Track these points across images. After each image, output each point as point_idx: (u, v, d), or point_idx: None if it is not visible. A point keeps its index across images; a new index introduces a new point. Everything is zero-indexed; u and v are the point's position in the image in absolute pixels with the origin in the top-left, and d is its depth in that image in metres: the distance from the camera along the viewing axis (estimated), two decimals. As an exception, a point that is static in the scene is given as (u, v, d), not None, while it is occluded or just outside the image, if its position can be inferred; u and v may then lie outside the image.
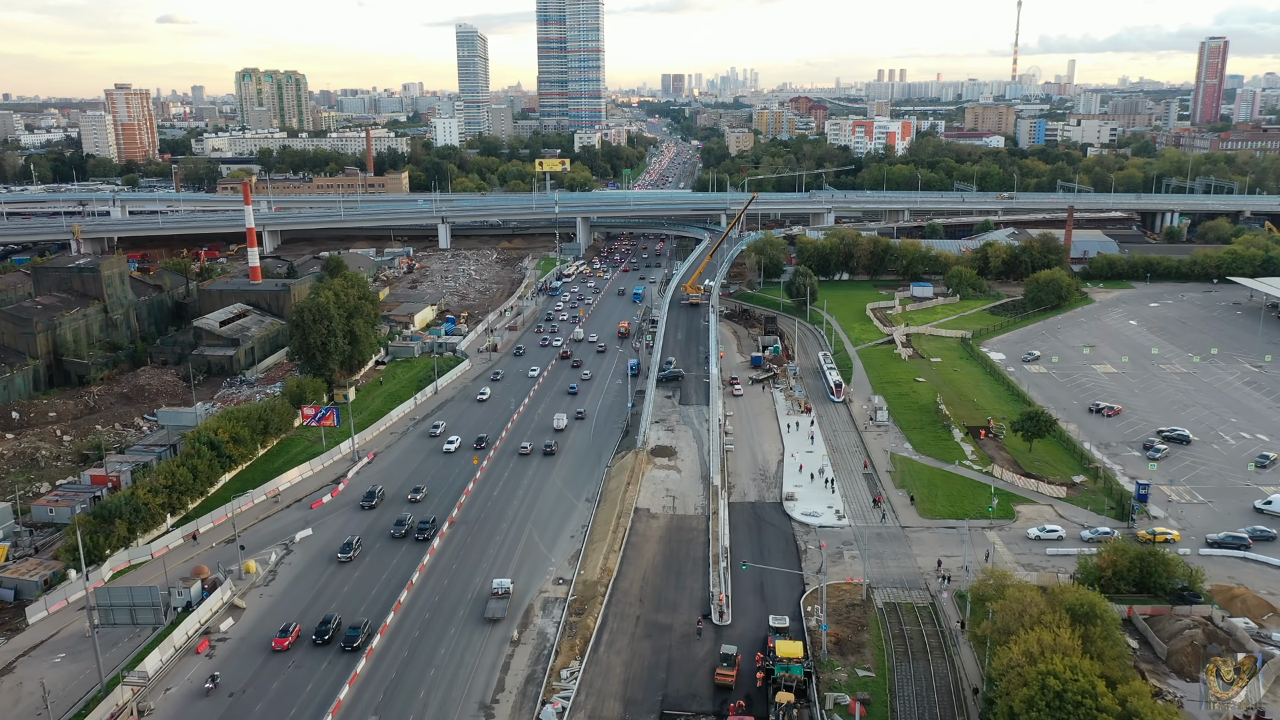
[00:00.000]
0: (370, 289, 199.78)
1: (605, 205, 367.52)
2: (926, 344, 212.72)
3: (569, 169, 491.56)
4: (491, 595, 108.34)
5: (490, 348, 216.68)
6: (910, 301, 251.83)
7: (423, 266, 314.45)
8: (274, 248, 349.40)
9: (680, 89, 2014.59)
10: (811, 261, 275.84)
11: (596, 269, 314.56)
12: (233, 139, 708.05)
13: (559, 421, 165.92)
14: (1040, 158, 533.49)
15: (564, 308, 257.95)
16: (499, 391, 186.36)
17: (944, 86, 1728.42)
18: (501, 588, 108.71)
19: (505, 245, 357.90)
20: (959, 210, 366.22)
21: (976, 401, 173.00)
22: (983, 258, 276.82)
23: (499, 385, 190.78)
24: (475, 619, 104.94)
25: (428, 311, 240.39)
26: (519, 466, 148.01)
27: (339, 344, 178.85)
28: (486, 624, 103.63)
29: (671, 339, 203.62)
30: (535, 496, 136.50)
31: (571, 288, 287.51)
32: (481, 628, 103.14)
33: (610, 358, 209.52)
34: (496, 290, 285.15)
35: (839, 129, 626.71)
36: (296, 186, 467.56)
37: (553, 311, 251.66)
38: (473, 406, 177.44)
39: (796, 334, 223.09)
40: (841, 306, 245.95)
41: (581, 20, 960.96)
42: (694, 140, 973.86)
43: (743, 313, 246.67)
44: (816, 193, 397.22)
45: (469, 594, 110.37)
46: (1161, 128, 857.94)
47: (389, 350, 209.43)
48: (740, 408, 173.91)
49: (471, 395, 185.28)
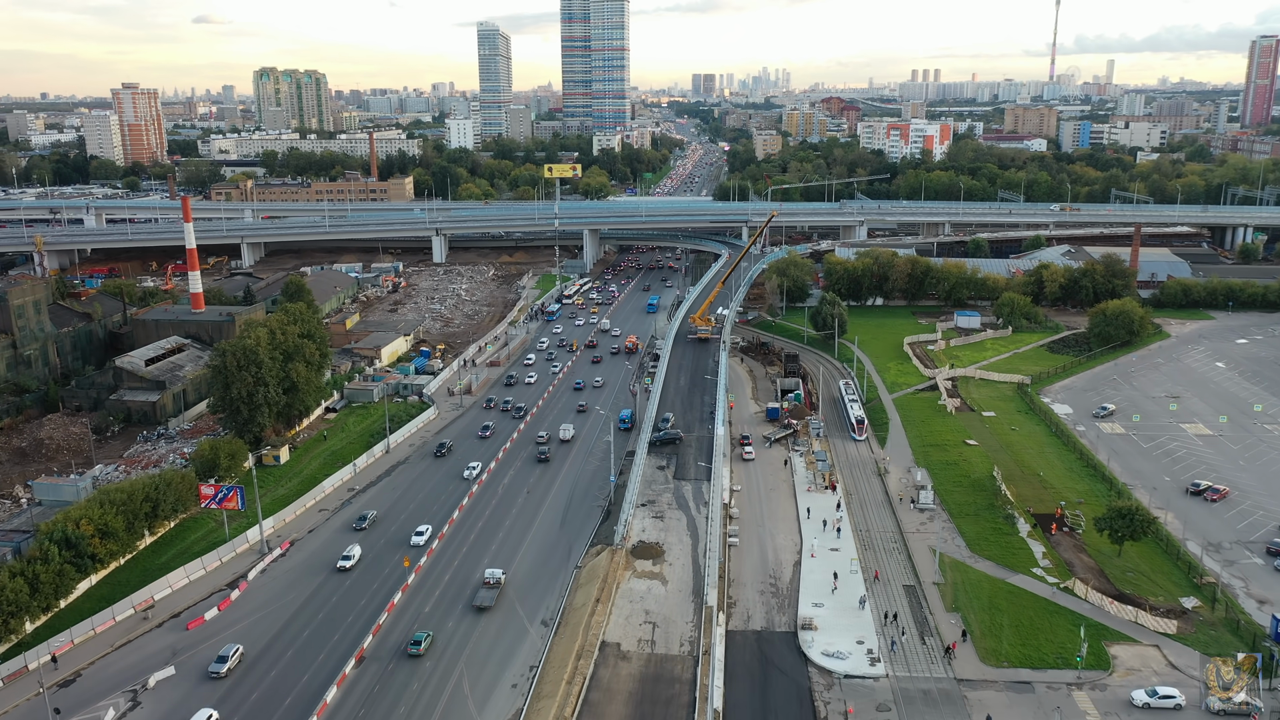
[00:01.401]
0: (319, 323, 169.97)
1: (614, 216, 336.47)
2: (976, 391, 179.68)
3: (580, 174, 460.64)
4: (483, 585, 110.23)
5: (464, 389, 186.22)
6: (955, 334, 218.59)
7: (409, 285, 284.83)
8: (255, 261, 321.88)
9: (711, 89, 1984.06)
10: (841, 285, 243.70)
11: (592, 298, 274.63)
12: (239, 140, 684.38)
13: (524, 499, 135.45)
14: (1088, 163, 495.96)
15: (540, 355, 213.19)
16: (462, 452, 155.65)
17: (979, 87, 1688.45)
18: (493, 577, 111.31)
19: (505, 259, 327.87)
20: (1005, 224, 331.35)
21: (1043, 475, 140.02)
22: (1037, 282, 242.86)
23: (462, 441, 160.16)
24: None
25: (400, 343, 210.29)
26: (461, 571, 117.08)
27: (271, 394, 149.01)
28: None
29: (673, 384, 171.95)
30: (475, 623, 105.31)
31: (575, 307, 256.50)
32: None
33: (603, 395, 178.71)
34: (487, 314, 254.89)
35: (872, 131, 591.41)
36: (294, 192, 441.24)
37: (538, 348, 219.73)
38: (424, 475, 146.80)
39: (822, 376, 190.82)
40: (875, 339, 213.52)
41: (606, 18, 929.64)
42: (722, 142, 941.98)
43: (760, 346, 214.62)
44: (848, 203, 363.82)
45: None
46: (1213, 130, 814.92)
47: (344, 393, 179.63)
48: (750, 478, 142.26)
49: (430, 450, 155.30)
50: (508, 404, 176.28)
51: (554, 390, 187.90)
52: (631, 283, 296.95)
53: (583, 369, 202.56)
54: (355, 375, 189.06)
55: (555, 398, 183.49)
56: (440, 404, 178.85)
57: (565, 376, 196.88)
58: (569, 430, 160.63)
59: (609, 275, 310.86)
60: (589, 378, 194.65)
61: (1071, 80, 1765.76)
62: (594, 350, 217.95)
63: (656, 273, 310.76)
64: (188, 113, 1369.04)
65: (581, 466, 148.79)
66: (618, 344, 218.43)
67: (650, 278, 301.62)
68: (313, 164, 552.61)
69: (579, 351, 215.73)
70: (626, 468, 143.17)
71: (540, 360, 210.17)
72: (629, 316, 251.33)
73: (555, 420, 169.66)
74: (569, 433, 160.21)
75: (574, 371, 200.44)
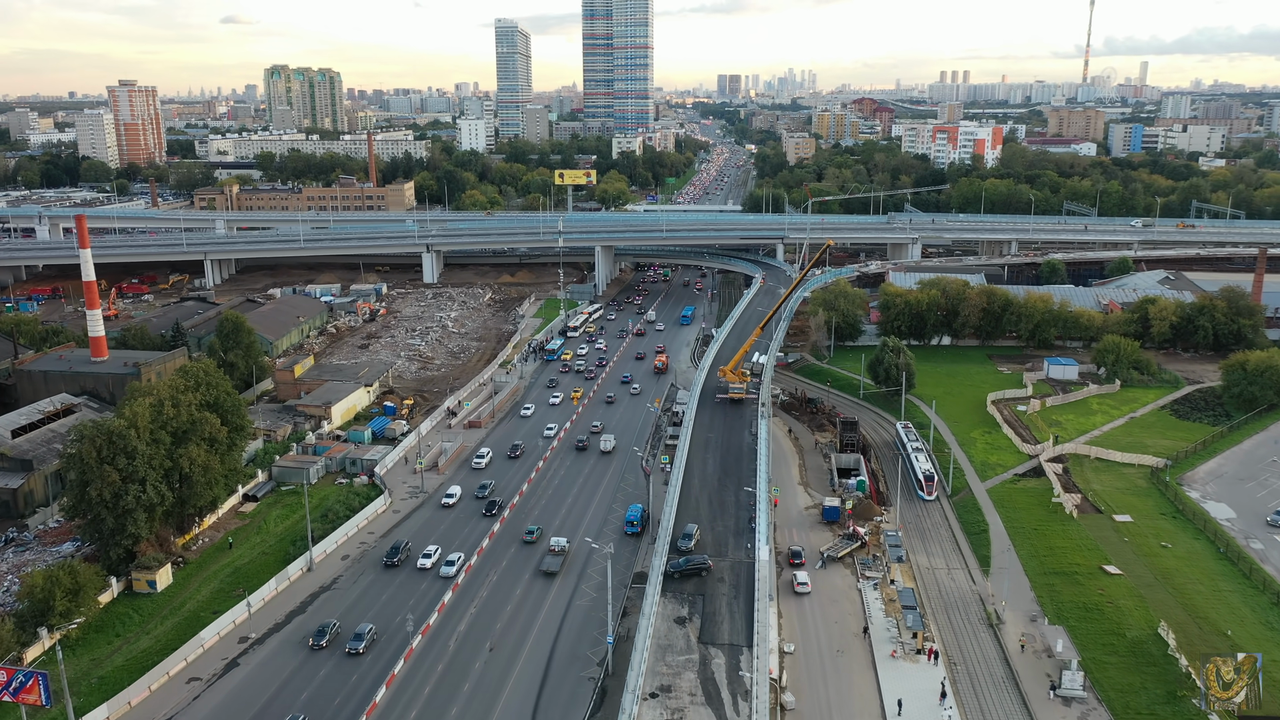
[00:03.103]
0: (231, 389, 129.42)
1: (630, 230, 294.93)
2: (1097, 478, 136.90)
3: (595, 180, 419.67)
4: None
5: (431, 463, 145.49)
6: (1048, 389, 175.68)
7: (388, 312, 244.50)
8: (224, 278, 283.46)
9: (736, 90, 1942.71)
10: (901, 321, 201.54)
11: (600, 331, 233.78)
12: (238, 141, 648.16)
13: (483, 666, 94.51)
14: (1151, 170, 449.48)
15: (532, 413, 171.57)
16: (401, 583, 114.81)
17: (1011, 88, 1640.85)
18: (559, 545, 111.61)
19: (506, 280, 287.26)
20: (1080, 242, 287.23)
21: (1230, 634, 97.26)
22: (1141, 320, 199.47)
23: (415, 552, 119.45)
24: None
25: (359, 395, 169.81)
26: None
27: (149, 494, 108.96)
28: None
29: (698, 469, 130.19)
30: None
31: (580, 345, 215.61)
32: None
33: (610, 471, 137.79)
34: (475, 352, 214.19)
35: (915, 135, 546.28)
36: (283, 198, 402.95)
37: (536, 397, 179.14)
38: (356, 607, 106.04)
39: (891, 453, 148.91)
40: (950, 394, 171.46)
41: (629, 15, 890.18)
42: (749, 144, 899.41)
43: (806, 403, 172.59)
44: (897, 216, 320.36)
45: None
46: (1275, 134, 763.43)
47: (273, 472, 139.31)
48: (808, 628, 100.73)
49: (376, 560, 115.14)
50: (482, 491, 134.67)
51: (546, 465, 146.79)
52: (647, 313, 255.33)
53: (593, 417, 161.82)
54: (293, 444, 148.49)
55: (546, 480, 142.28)
56: (398, 485, 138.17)
57: (563, 443, 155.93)
58: (561, 542, 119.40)
59: (635, 290, 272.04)
60: (594, 440, 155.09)
61: (1106, 82, 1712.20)
62: (604, 403, 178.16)
63: (674, 300, 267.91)
64: (208, 112, 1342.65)
65: (574, 596, 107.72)
66: (638, 386, 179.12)
67: (666, 310, 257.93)
68: (311, 167, 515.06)
69: (581, 407, 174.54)
70: (632, 605, 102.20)
71: (537, 411, 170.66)
72: (632, 365, 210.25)
73: (544, 516, 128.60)
74: (561, 543, 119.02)
75: (577, 430, 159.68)
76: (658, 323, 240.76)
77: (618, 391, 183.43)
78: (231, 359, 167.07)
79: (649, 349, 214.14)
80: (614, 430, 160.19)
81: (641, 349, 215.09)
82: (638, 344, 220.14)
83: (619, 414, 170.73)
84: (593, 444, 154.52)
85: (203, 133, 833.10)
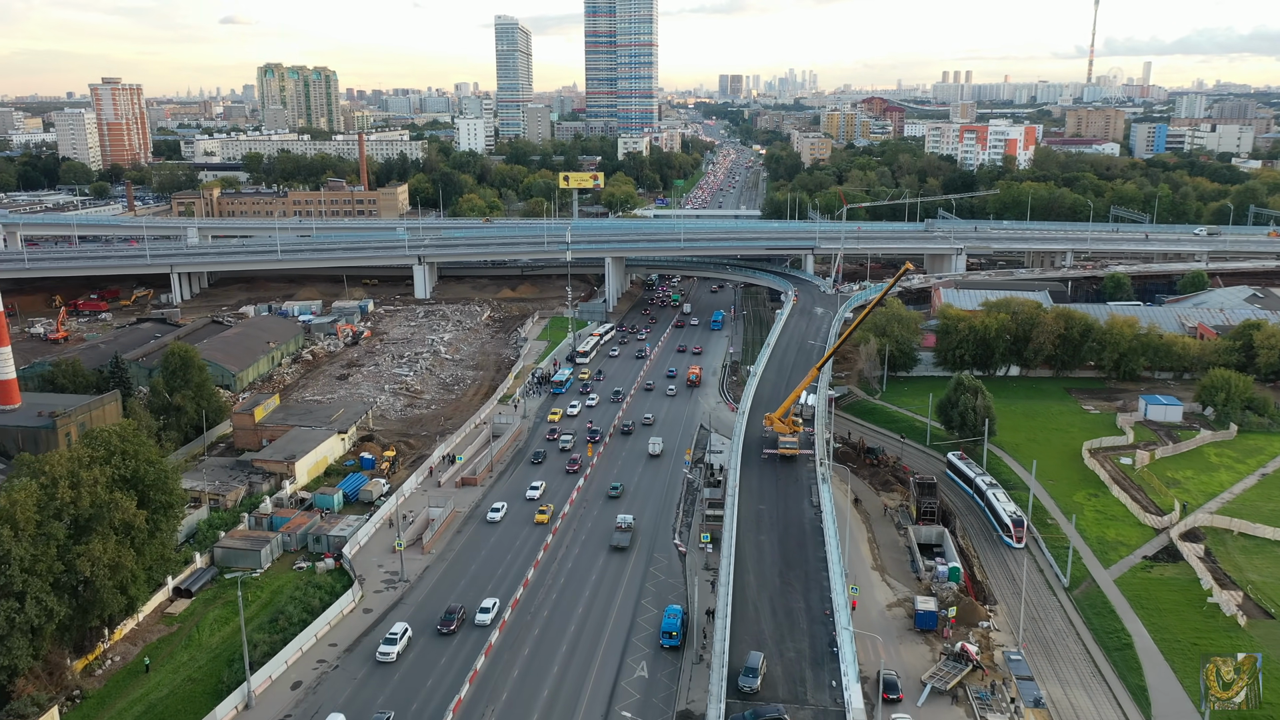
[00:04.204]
0: (156, 457, 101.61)
1: (644, 240, 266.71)
2: (1250, 562, 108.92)
3: (602, 183, 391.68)
4: None
5: (414, 538, 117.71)
6: (1151, 434, 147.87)
7: (373, 334, 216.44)
8: (195, 293, 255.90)
9: (738, 90, 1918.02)
10: (965, 349, 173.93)
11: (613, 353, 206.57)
12: (226, 142, 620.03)
13: None
14: (1187, 170, 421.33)
15: (536, 468, 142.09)
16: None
17: (1015, 88, 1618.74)
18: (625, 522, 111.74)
19: (507, 295, 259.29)
20: (1136, 253, 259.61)
21: None
22: (1244, 347, 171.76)
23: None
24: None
25: (331, 445, 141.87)
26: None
27: (33, 611, 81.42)
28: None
29: (751, 559, 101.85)
30: None
31: (593, 373, 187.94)
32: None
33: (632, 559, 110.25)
34: (472, 383, 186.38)
35: (939, 135, 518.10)
36: (267, 202, 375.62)
37: (539, 448, 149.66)
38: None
39: (977, 521, 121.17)
40: (1033, 442, 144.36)
41: (633, 11, 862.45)
42: (756, 145, 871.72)
43: (866, 453, 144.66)
44: (936, 224, 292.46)
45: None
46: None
47: (214, 556, 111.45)
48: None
49: (336, 693, 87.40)
50: (451, 614, 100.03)
51: (554, 545, 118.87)
52: (665, 336, 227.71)
53: (608, 478, 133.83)
54: (244, 514, 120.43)
55: (552, 570, 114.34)
56: (371, 569, 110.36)
57: (574, 512, 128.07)
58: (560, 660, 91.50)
59: (646, 307, 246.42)
60: (613, 505, 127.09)
61: (1112, 82, 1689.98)
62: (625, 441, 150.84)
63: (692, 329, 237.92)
64: (203, 113, 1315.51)
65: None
66: (659, 444, 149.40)
67: (685, 336, 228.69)
68: (301, 169, 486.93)
69: (596, 457, 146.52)
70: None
71: (545, 462, 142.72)
72: (652, 399, 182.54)
73: (552, 625, 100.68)
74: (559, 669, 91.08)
75: (591, 490, 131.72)
76: (691, 316, 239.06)
77: (635, 446, 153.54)
78: (179, 401, 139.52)
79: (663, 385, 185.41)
80: (637, 494, 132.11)
81: (657, 382, 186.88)
82: (655, 390, 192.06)
83: (640, 471, 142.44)
84: (610, 512, 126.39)
85: (193, 133, 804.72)
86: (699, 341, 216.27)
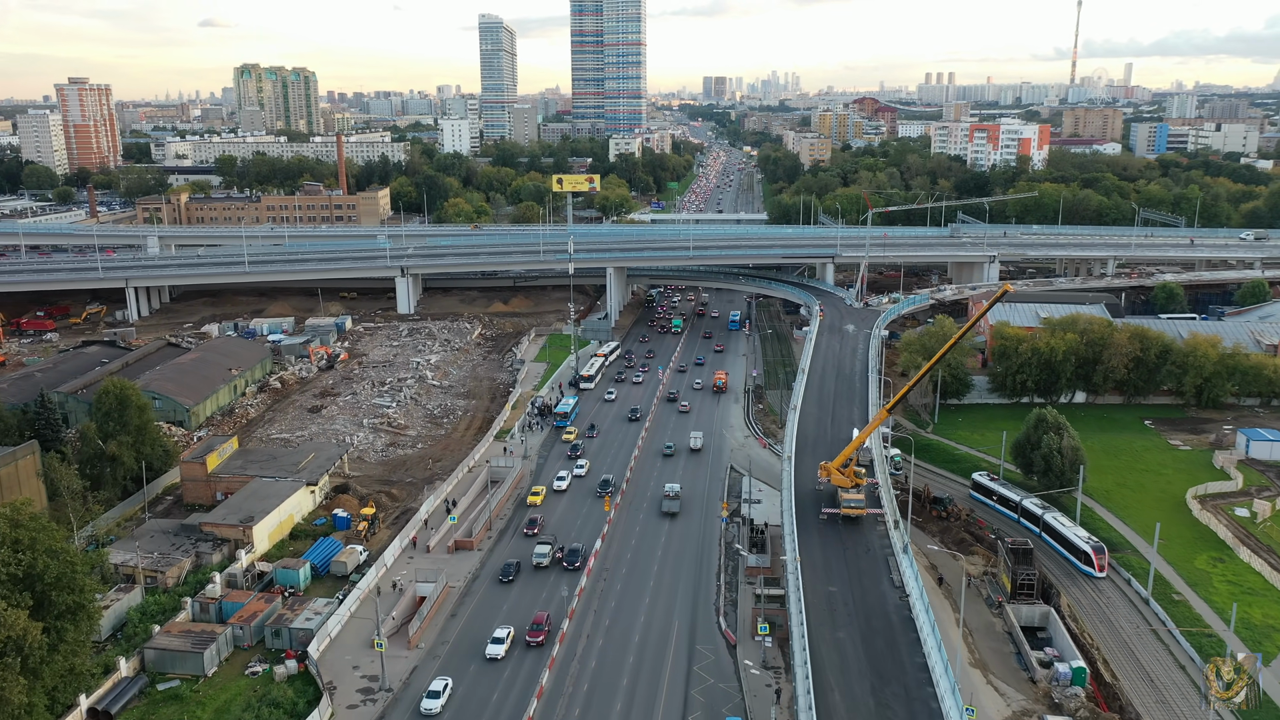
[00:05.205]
0: (64, 545, 78.64)
1: (650, 249, 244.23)
2: None
3: (597, 186, 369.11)
4: None
5: (396, 628, 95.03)
6: (1261, 477, 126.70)
7: (351, 357, 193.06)
8: (153, 310, 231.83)
9: (722, 92, 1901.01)
10: (1027, 373, 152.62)
11: None
12: (199, 144, 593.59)
13: None
14: (1203, 170, 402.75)
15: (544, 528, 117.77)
16: None
17: (1000, 90, 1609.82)
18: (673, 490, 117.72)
19: (499, 309, 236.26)
20: (1179, 260, 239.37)
21: None
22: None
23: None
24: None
25: (298, 500, 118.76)
26: None
27: None
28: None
29: (832, 668, 79.32)
30: None
31: (601, 401, 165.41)
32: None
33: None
34: (463, 414, 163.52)
35: (947, 134, 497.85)
36: (239, 208, 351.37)
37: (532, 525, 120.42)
38: None
39: (1091, 597, 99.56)
40: (1124, 487, 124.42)
41: (620, 10, 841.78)
42: (745, 146, 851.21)
43: (933, 504, 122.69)
44: (962, 228, 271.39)
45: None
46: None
47: (145, 662, 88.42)
48: None
49: None
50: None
51: (572, 637, 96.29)
52: (676, 351, 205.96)
53: (629, 536, 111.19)
54: (187, 599, 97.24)
55: (577, 665, 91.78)
56: (345, 673, 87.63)
57: (592, 586, 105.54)
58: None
59: (653, 318, 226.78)
60: (642, 577, 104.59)
61: (1095, 83, 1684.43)
62: None
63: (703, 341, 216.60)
64: (180, 115, 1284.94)
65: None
66: (675, 491, 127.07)
67: (695, 349, 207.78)
68: (277, 172, 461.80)
69: (614, 511, 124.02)
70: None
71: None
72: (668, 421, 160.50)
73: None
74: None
75: (605, 565, 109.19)
76: None
77: (656, 481, 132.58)
78: (113, 450, 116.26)
79: None
80: (665, 565, 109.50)
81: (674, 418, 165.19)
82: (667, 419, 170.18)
83: (664, 531, 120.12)
84: (638, 584, 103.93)
85: (166, 135, 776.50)
86: (714, 363, 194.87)
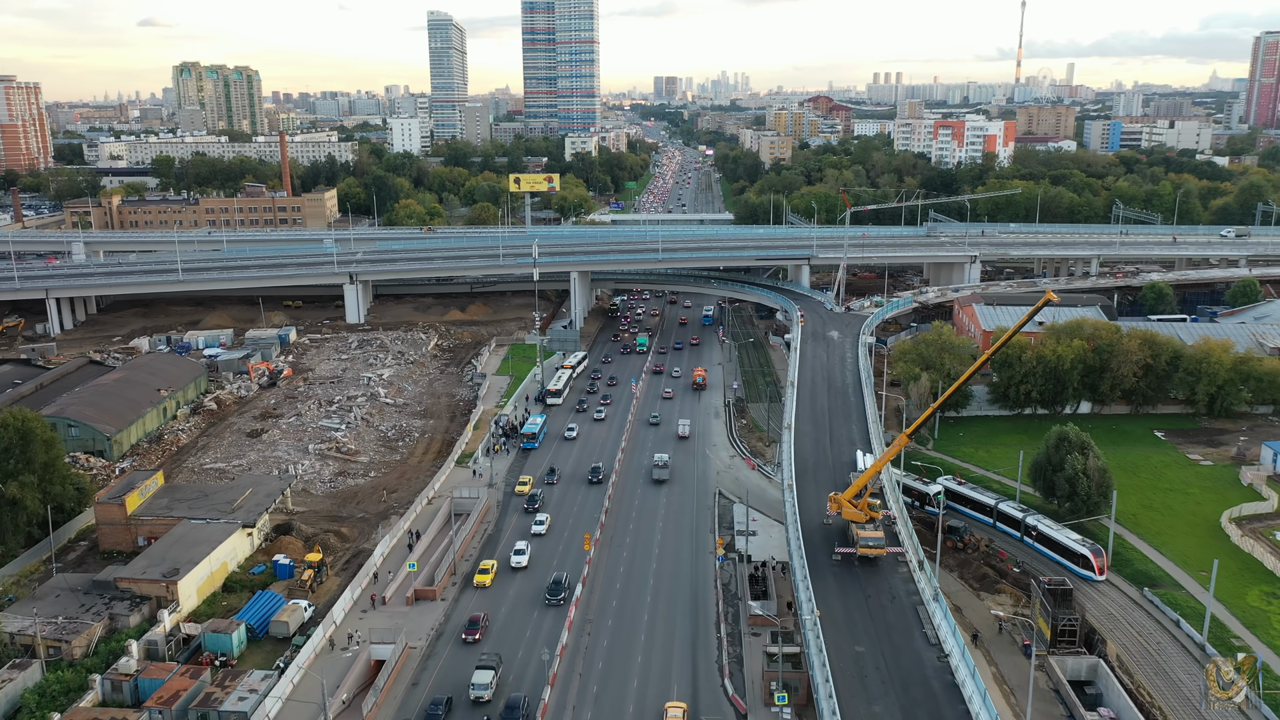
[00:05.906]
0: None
1: (616, 250, 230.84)
2: None
3: (556, 186, 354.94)
4: None
5: (352, 702, 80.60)
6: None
7: (295, 372, 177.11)
8: (78, 322, 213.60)
9: (673, 92, 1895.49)
10: (1031, 382, 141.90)
11: None
12: (134, 145, 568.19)
13: None
14: (1164, 167, 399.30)
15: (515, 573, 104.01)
16: None
17: (947, 89, 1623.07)
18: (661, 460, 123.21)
19: (456, 317, 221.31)
20: (1166, 258, 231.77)
21: None
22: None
23: None
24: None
25: (233, 545, 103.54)
26: None
27: None
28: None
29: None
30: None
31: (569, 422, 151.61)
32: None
33: None
34: (421, 434, 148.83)
35: (910, 131, 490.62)
36: (175, 211, 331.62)
37: (517, 542, 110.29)
38: None
39: (1131, 635, 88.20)
40: (1149, 509, 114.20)
41: (573, 7, 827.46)
42: (699, 145, 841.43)
43: (948, 534, 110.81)
44: (938, 227, 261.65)
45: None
46: (1259, 130, 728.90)
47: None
48: None
49: None
50: None
51: (558, 694, 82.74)
52: (647, 360, 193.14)
53: (612, 581, 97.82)
54: (94, 676, 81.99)
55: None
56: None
57: (574, 644, 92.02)
58: None
59: (620, 324, 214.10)
60: (631, 626, 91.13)
61: (1040, 82, 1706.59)
62: None
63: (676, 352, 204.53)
64: (119, 116, 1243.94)
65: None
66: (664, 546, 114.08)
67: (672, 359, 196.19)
68: (218, 173, 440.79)
69: (593, 548, 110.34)
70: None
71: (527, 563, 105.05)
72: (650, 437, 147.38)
73: None
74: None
75: (587, 621, 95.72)
76: None
77: (642, 509, 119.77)
78: (13, 492, 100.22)
79: None
80: (656, 621, 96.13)
81: None
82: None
83: (652, 572, 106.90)
84: (628, 636, 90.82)
85: (101, 136, 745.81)
86: (692, 361, 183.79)
